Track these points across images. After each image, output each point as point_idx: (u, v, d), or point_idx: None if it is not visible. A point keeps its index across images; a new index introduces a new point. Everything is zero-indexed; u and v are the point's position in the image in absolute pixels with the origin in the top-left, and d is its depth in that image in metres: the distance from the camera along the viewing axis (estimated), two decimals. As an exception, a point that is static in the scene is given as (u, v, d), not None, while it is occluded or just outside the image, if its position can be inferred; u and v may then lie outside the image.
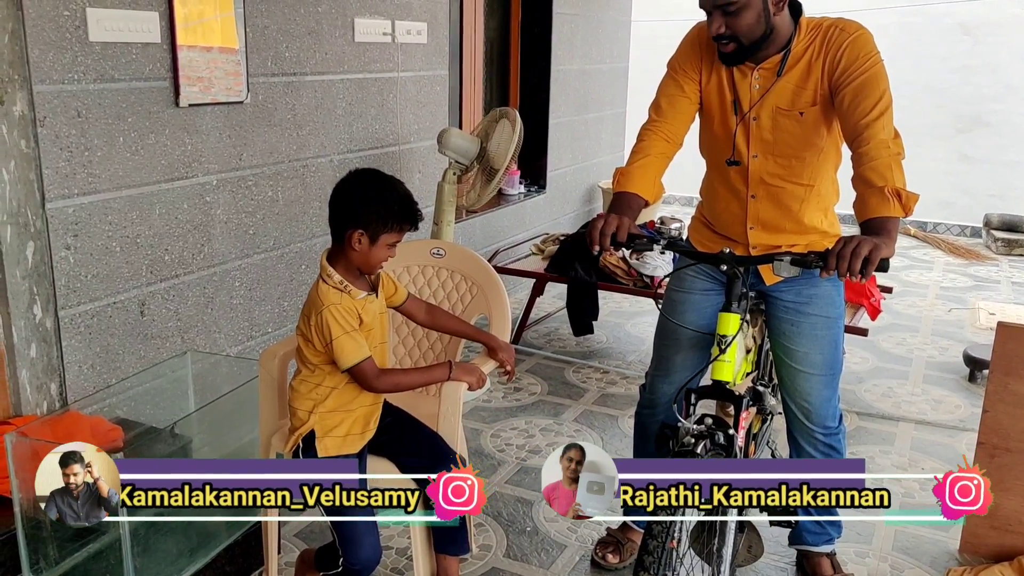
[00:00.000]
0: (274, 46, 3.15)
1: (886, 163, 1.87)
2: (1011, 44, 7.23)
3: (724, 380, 1.95)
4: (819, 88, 2.03)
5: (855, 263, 1.68)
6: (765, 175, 2.14)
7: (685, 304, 2.33)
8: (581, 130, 5.99)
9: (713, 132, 2.18)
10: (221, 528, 2.58)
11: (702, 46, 2.13)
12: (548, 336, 4.62)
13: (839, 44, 2.00)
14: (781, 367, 2.33)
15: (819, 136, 2.09)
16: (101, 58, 2.51)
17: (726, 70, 2.10)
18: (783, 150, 2.11)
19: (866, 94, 1.94)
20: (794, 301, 2.24)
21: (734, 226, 2.24)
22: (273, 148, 3.21)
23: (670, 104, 2.16)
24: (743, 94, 2.09)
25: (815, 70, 2.03)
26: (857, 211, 1.90)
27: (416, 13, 3.94)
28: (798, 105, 2.06)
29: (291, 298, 3.41)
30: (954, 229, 7.53)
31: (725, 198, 2.23)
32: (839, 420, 2.36)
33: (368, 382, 2.02)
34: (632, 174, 2.11)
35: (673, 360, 2.37)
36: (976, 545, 2.66)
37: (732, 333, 1.93)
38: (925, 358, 4.43)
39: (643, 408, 2.50)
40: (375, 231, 1.96)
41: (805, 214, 2.18)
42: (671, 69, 2.19)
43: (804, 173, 2.14)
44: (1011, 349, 2.50)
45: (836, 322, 2.27)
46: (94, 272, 2.58)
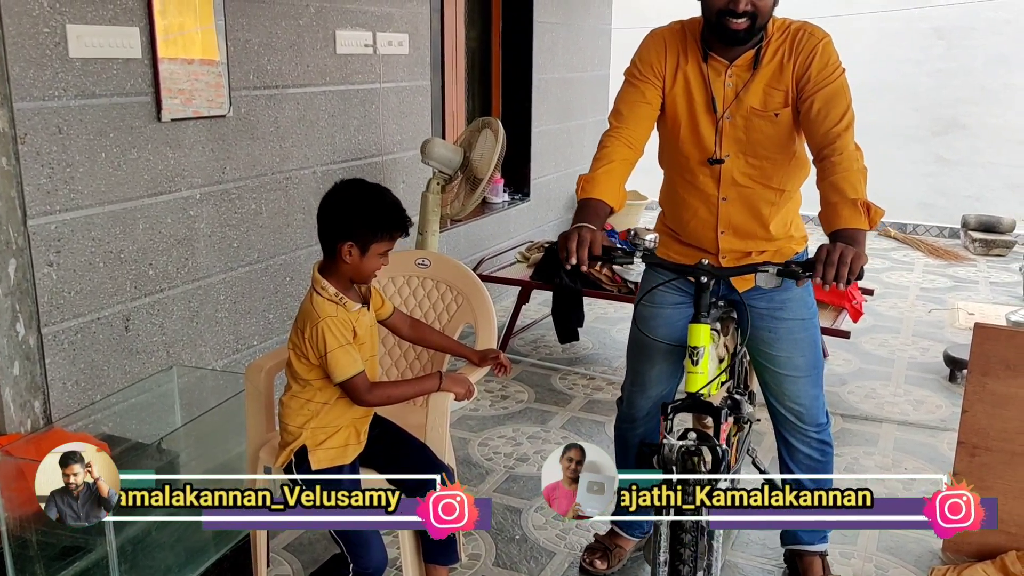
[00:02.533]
0: (256, 59, 3.16)
1: (856, 175, 1.89)
2: (985, 48, 7.34)
3: (699, 392, 1.94)
4: (790, 91, 2.04)
5: (842, 270, 1.70)
6: (737, 175, 2.13)
7: (657, 319, 2.32)
8: (564, 138, 6.02)
9: (679, 136, 2.15)
10: (209, 543, 2.58)
11: (666, 50, 2.13)
12: (534, 343, 4.63)
13: (809, 48, 2.01)
14: (765, 373, 2.34)
15: (792, 139, 2.11)
16: (82, 74, 2.51)
17: (698, 70, 2.09)
18: (756, 151, 2.11)
19: (836, 103, 1.97)
20: (768, 307, 2.24)
21: (704, 232, 2.22)
22: (256, 161, 3.21)
23: (631, 110, 2.13)
24: (717, 93, 2.09)
25: (786, 72, 2.04)
26: (826, 220, 1.89)
27: (397, 24, 3.96)
28: (771, 106, 2.06)
29: (276, 310, 3.41)
30: (933, 230, 7.62)
31: (693, 204, 2.21)
32: (826, 415, 2.40)
33: (360, 396, 2.03)
34: (597, 180, 2.07)
35: (648, 375, 2.37)
36: (959, 544, 2.69)
37: (703, 344, 1.92)
38: (907, 359, 4.48)
39: (622, 423, 2.50)
40: (365, 242, 1.97)
41: (775, 219, 2.18)
42: (630, 76, 2.17)
43: (775, 176, 2.14)
44: (988, 349, 2.54)
45: (812, 322, 2.30)
46: (77, 288, 2.58)
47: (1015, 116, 7.30)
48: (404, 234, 2.04)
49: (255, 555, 2.37)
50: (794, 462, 2.41)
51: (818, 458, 2.38)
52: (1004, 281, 6.13)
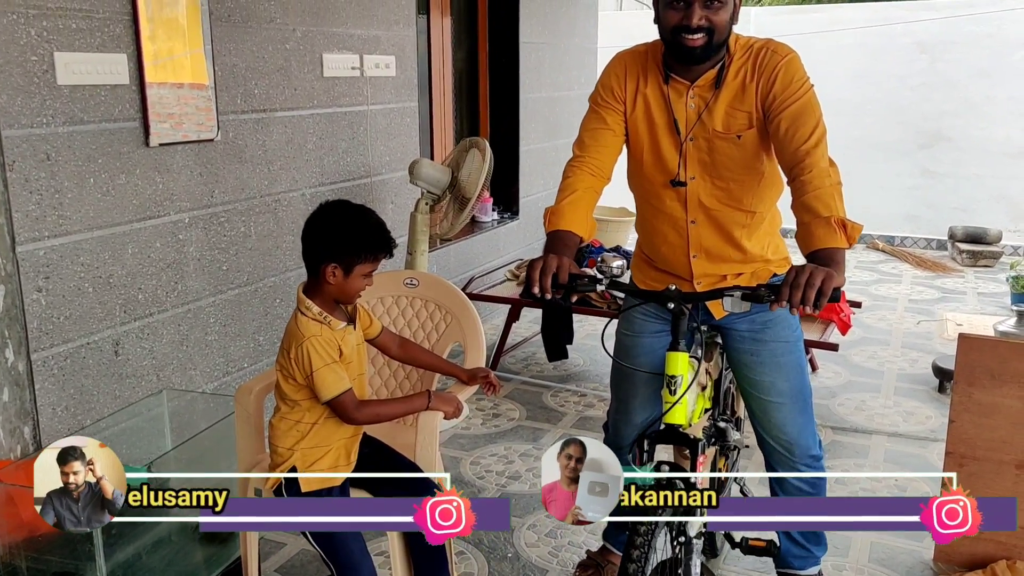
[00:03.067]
0: (243, 83, 3.18)
1: (829, 192, 1.83)
2: (967, 61, 7.43)
3: (677, 423, 1.88)
4: (755, 111, 1.99)
5: (809, 294, 1.62)
6: (704, 197, 2.08)
7: (636, 348, 2.29)
8: (552, 156, 6.05)
9: (644, 160, 2.11)
10: (200, 566, 2.57)
11: (626, 73, 2.09)
12: (525, 361, 4.64)
13: (772, 67, 1.96)
14: (749, 400, 2.28)
15: (759, 160, 2.05)
16: (70, 101, 2.53)
17: (659, 92, 2.05)
18: (721, 172, 2.06)
19: (803, 121, 1.91)
20: (750, 330, 2.19)
21: (676, 258, 2.18)
22: (244, 184, 3.23)
23: (593, 138, 2.10)
24: (679, 114, 2.04)
25: (749, 92, 1.99)
26: (802, 241, 1.84)
27: (384, 47, 4.00)
28: (734, 128, 2.01)
29: (266, 333, 3.42)
30: (920, 242, 7.67)
31: (663, 229, 2.17)
32: (819, 446, 2.30)
33: (348, 414, 2.04)
34: (563, 211, 2.01)
35: (631, 403, 2.33)
36: (950, 554, 2.70)
37: (682, 373, 1.86)
38: (896, 370, 4.51)
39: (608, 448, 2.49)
40: (348, 263, 1.98)
41: (748, 241, 2.13)
42: (593, 103, 2.13)
43: (744, 198, 2.09)
44: (973, 359, 2.56)
45: (796, 345, 2.22)
46: (67, 313, 2.58)
47: (999, 128, 7.39)
48: (389, 255, 2.04)
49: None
50: (784, 493, 2.33)
51: (811, 492, 2.30)
52: (992, 292, 6.18)
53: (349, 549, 2.08)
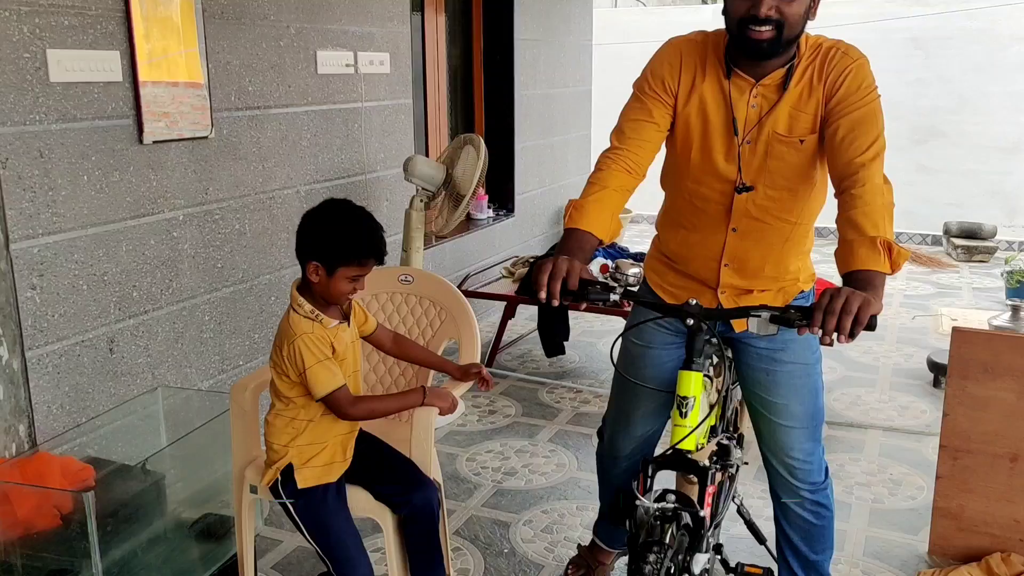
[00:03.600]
0: (237, 80, 3.18)
1: (880, 211, 1.68)
2: (962, 57, 7.44)
3: (687, 449, 1.73)
4: (818, 114, 1.83)
5: (845, 321, 1.46)
6: (752, 207, 1.92)
7: (645, 358, 2.13)
8: (547, 153, 6.05)
9: (691, 159, 1.94)
10: (197, 563, 2.57)
11: (682, 64, 1.91)
12: (521, 358, 4.64)
13: (842, 68, 1.81)
14: (759, 420, 2.13)
15: (815, 168, 1.90)
16: (63, 98, 2.52)
17: (718, 88, 1.88)
18: (776, 180, 1.90)
19: (864, 130, 1.76)
20: (768, 348, 2.03)
21: (705, 263, 2.02)
22: (239, 181, 3.23)
23: (634, 131, 1.91)
24: (739, 114, 1.87)
25: (816, 93, 1.83)
26: (841, 259, 1.68)
27: (378, 44, 3.99)
28: (796, 131, 1.85)
29: (262, 330, 3.41)
30: (916, 238, 7.69)
31: (697, 234, 2.01)
32: (825, 473, 2.15)
33: (343, 410, 2.04)
34: (586, 209, 1.85)
35: (633, 415, 2.18)
36: (944, 547, 2.71)
37: (695, 395, 1.71)
38: (891, 365, 4.52)
39: (604, 458, 2.32)
40: (331, 264, 1.96)
41: (786, 255, 1.99)
42: (639, 91, 1.95)
43: (795, 208, 1.94)
44: (966, 353, 2.57)
45: (814, 368, 2.07)
46: (61, 311, 2.58)
47: (993, 124, 7.40)
48: (377, 261, 2.01)
49: (243, 575, 2.36)
50: (788, 523, 2.18)
51: (814, 522, 2.15)
52: (987, 287, 6.19)
53: (345, 545, 2.08)
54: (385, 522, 2.17)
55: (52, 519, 2.21)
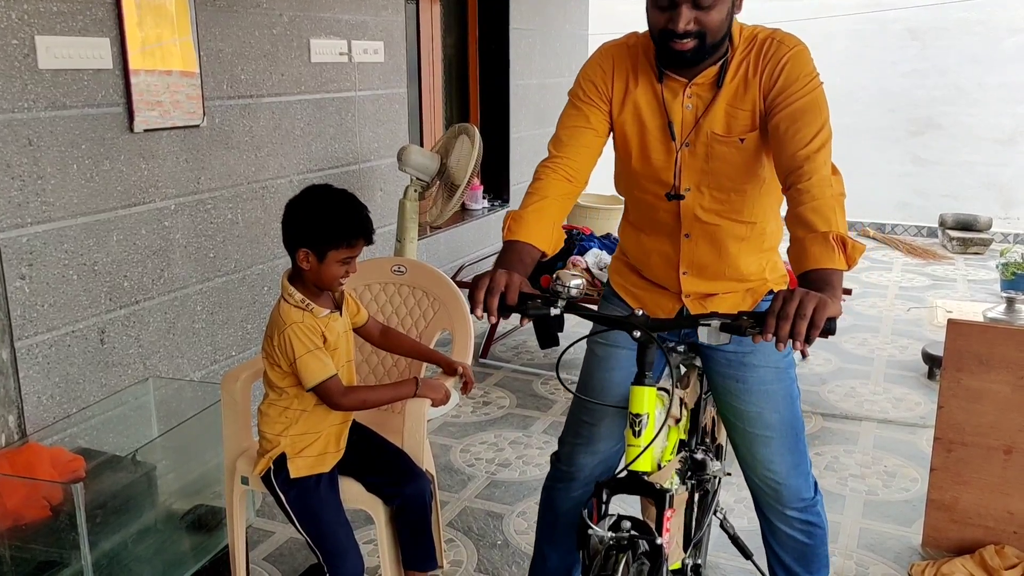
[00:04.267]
0: (230, 69, 3.15)
1: (830, 204, 1.59)
2: (958, 47, 7.43)
3: (642, 470, 1.60)
4: (757, 109, 1.75)
5: (800, 326, 1.35)
6: (700, 211, 1.84)
7: (608, 362, 1.99)
8: (542, 143, 5.98)
9: (633, 167, 1.88)
10: (188, 555, 2.56)
11: (614, 68, 1.84)
12: (516, 349, 4.63)
13: (778, 59, 1.72)
14: (733, 432, 2.00)
15: (760, 165, 1.81)
16: (52, 85, 2.49)
17: (652, 91, 1.81)
18: (721, 182, 1.82)
19: (806, 121, 1.67)
20: (736, 352, 1.90)
21: (665, 270, 1.93)
22: (231, 171, 3.20)
23: (572, 137, 1.84)
24: (674, 117, 1.79)
25: (752, 88, 1.75)
26: (795, 260, 1.59)
27: (372, 32, 3.96)
28: (736, 130, 1.77)
29: (254, 320, 3.39)
30: (911, 230, 7.69)
31: (652, 241, 1.93)
32: (815, 489, 2.00)
33: (334, 400, 2.03)
34: (525, 220, 1.75)
35: (596, 429, 1.99)
36: (938, 539, 2.71)
37: (648, 411, 1.58)
38: (886, 357, 4.51)
39: (555, 483, 2.08)
40: (322, 249, 1.96)
41: (744, 257, 1.89)
42: (573, 97, 1.89)
43: (745, 209, 1.85)
44: (961, 345, 2.56)
45: (787, 372, 1.94)
46: (51, 301, 2.56)
47: (990, 115, 7.40)
48: (367, 242, 2.01)
49: (234, 566, 2.35)
50: (778, 543, 2.04)
51: (805, 541, 2.01)
52: (982, 279, 6.19)
53: (336, 536, 2.07)
54: (377, 513, 2.16)
55: (42, 510, 2.20)
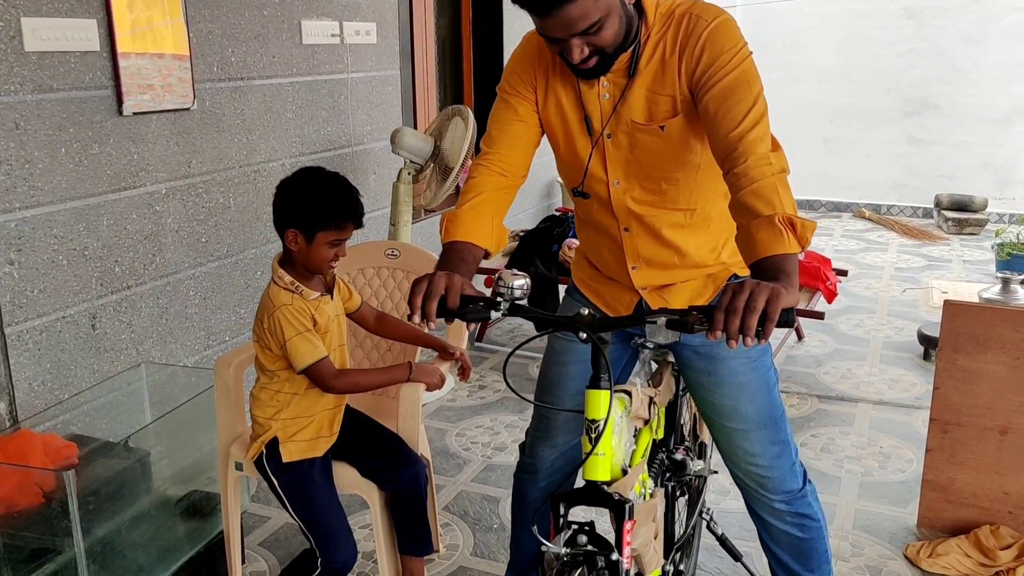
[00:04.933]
0: (219, 51, 3.11)
1: (771, 184, 1.46)
2: (956, 27, 7.38)
3: (599, 480, 1.49)
4: (678, 92, 1.62)
5: (749, 320, 1.23)
6: (632, 203, 1.75)
7: (565, 355, 1.92)
8: (537, 125, 5.99)
9: (562, 159, 1.81)
10: (182, 541, 2.55)
11: (533, 60, 1.75)
12: (511, 332, 4.62)
13: (697, 36, 1.58)
14: (712, 427, 1.92)
15: (690, 151, 1.69)
16: (38, 68, 2.46)
17: (569, 83, 1.71)
18: (648, 172, 1.72)
19: (737, 98, 1.54)
20: (704, 344, 1.80)
21: (616, 266, 1.85)
22: (223, 154, 3.17)
23: (502, 132, 1.76)
24: (592, 109, 1.70)
25: (670, 69, 1.62)
26: (743, 249, 1.47)
27: (364, 13, 3.92)
28: (657, 117, 1.65)
29: (247, 305, 3.37)
30: (907, 211, 7.67)
31: (596, 235, 1.86)
32: (803, 479, 1.91)
33: (325, 382, 2.01)
34: (462, 219, 1.67)
35: (554, 420, 1.95)
36: (933, 520, 2.71)
37: (603, 416, 1.47)
38: (882, 338, 4.51)
39: (521, 472, 2.08)
40: (309, 230, 1.94)
41: (690, 244, 1.78)
42: (501, 91, 1.80)
43: (680, 197, 1.74)
44: (957, 326, 2.56)
45: (760, 360, 1.84)
46: (40, 287, 2.53)
47: (986, 95, 7.36)
48: (356, 225, 1.99)
49: (229, 552, 2.34)
50: (773, 541, 1.96)
51: (800, 535, 1.92)
52: (977, 259, 6.19)
53: (329, 521, 2.06)
54: (372, 499, 2.15)
55: (34, 497, 2.19)
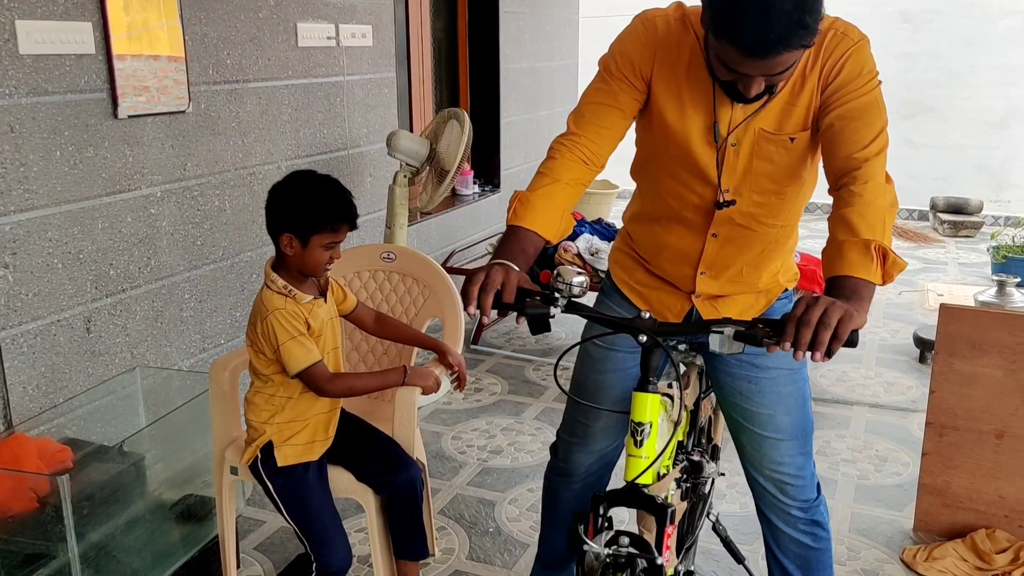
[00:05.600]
0: (215, 54, 3.10)
1: (880, 213, 1.47)
2: (951, 30, 7.40)
3: (642, 483, 1.51)
4: (812, 105, 1.61)
5: (822, 335, 1.27)
6: (736, 214, 1.71)
7: (604, 364, 1.91)
8: (533, 128, 5.99)
9: (668, 153, 1.71)
10: (177, 545, 2.54)
11: (655, 49, 1.64)
12: (507, 335, 4.62)
13: (841, 52, 1.57)
14: (741, 433, 1.91)
15: (804, 166, 1.69)
16: (33, 71, 2.45)
17: (700, 81, 1.63)
18: (763, 184, 1.68)
19: (867, 121, 1.55)
20: (748, 354, 1.73)
21: (680, 268, 1.82)
22: (218, 157, 3.16)
23: (595, 116, 1.67)
24: (721, 115, 1.63)
25: (810, 82, 1.59)
26: (828, 261, 1.46)
27: (360, 16, 3.91)
28: (787, 128, 1.62)
29: (243, 308, 3.36)
30: (902, 213, 7.68)
31: (671, 238, 1.80)
32: (817, 490, 1.94)
33: (319, 386, 2.01)
34: (533, 204, 1.61)
35: (592, 427, 1.95)
36: (929, 524, 2.71)
37: (651, 420, 1.49)
38: (877, 341, 4.52)
39: (555, 475, 2.06)
40: (304, 233, 1.94)
41: (768, 258, 1.80)
42: (606, 71, 1.69)
43: (782, 212, 1.73)
44: (953, 330, 2.56)
45: (800, 372, 1.86)
46: (35, 290, 2.52)
47: (982, 98, 7.38)
48: (351, 227, 1.98)
49: (224, 556, 2.34)
50: (781, 549, 1.96)
51: (810, 544, 1.94)
52: (973, 262, 6.20)
53: (323, 525, 2.06)
54: (368, 503, 2.15)
55: (28, 502, 2.18)
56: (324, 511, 2.07)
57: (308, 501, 2.06)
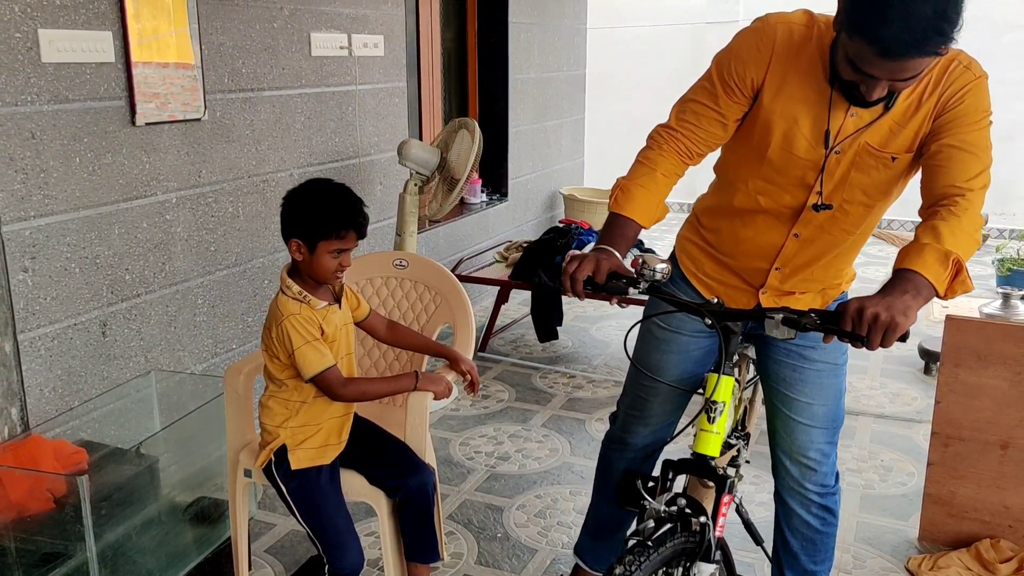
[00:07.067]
0: (230, 62, 3.15)
1: (970, 235, 1.51)
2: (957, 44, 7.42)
3: (710, 455, 1.66)
4: (922, 130, 1.65)
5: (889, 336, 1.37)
6: (823, 219, 1.78)
7: (669, 344, 2.00)
8: (541, 137, 6.03)
9: (766, 155, 1.75)
10: (190, 547, 2.57)
11: (774, 51, 1.68)
12: (514, 343, 4.65)
13: (961, 84, 1.63)
14: (777, 417, 2.02)
15: (897, 184, 1.75)
16: (54, 79, 2.49)
17: (816, 89, 1.67)
18: (855, 195, 1.75)
19: (975, 155, 1.60)
20: (798, 344, 1.90)
21: (754, 263, 1.89)
22: (232, 164, 3.21)
23: (697, 118, 1.75)
24: (833, 124, 1.68)
25: (925, 107, 1.64)
26: (903, 255, 1.50)
27: (372, 26, 3.96)
28: (892, 147, 1.67)
29: (255, 313, 3.40)
30: (907, 225, 7.70)
31: (755, 230, 1.85)
32: (836, 478, 2.06)
33: (333, 391, 2.04)
34: (633, 194, 1.73)
35: (651, 403, 2.07)
36: (934, 533, 2.73)
37: (725, 400, 1.63)
38: (882, 353, 4.53)
39: (612, 443, 2.19)
40: (311, 239, 1.97)
41: (839, 261, 1.90)
42: (716, 72, 1.74)
43: (864, 222, 1.81)
44: (959, 341, 2.58)
45: (842, 369, 1.98)
46: (53, 294, 2.56)
47: (986, 111, 7.40)
48: (358, 234, 2.00)
49: (237, 558, 2.36)
50: (791, 530, 2.08)
51: (819, 528, 2.06)
52: (977, 274, 6.21)
53: (336, 528, 2.09)
54: (380, 506, 2.17)
55: (45, 502, 2.21)
56: (337, 514, 2.10)
57: (321, 504, 2.09)
